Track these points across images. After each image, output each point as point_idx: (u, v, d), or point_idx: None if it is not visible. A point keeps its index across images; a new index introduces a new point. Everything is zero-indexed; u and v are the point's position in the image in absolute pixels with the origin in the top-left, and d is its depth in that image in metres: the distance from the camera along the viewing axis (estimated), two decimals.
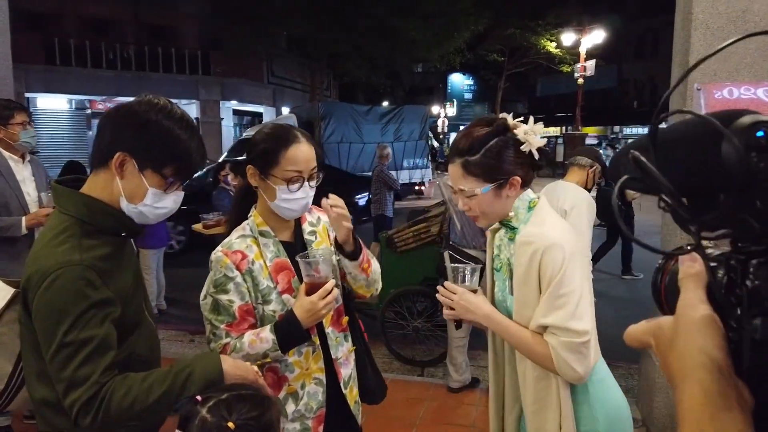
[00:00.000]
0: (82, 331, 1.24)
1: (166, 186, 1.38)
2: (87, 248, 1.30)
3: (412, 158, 15.12)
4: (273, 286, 1.63)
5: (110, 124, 1.36)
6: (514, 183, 1.50)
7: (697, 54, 2.95)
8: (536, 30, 22.40)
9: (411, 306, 4.75)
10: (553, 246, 1.42)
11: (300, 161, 1.60)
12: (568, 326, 1.38)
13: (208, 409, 1.17)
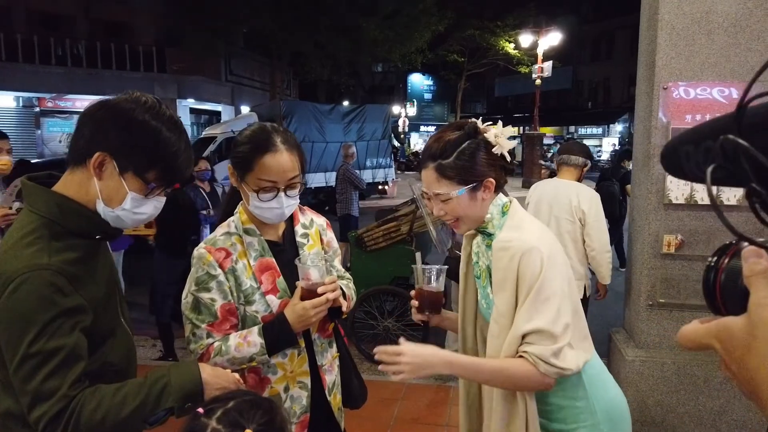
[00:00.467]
0: (49, 341, 1.14)
1: (147, 191, 1.28)
2: (57, 251, 1.20)
3: (375, 158, 15.11)
4: (257, 287, 1.57)
5: (91, 120, 1.25)
6: (488, 185, 1.50)
7: (664, 54, 3.02)
8: (495, 31, 22.79)
9: (381, 306, 4.72)
10: (530, 250, 1.40)
11: (274, 172, 1.52)
12: (550, 330, 1.35)
13: (218, 421, 1.08)
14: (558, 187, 3.69)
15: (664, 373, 3.15)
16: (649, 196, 3.12)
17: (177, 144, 1.28)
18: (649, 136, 3.11)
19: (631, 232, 3.45)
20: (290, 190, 1.57)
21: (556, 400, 1.49)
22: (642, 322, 3.21)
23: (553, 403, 1.50)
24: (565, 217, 3.56)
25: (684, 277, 3.11)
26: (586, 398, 1.48)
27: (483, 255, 1.60)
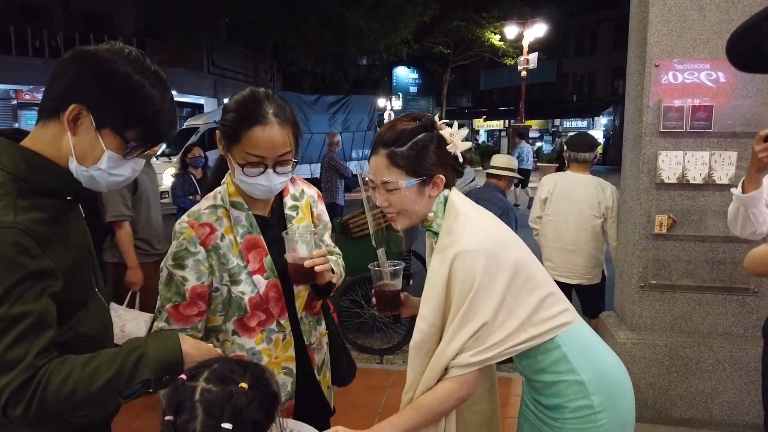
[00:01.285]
0: (13, 306, 1.03)
1: (126, 151, 1.17)
2: (24, 209, 1.09)
3: (360, 149, 15.01)
4: (243, 265, 1.47)
5: (68, 69, 1.13)
6: (438, 182, 1.45)
7: (655, 30, 2.96)
8: (481, 23, 22.77)
9: (367, 293, 4.64)
10: (467, 252, 1.33)
11: (261, 146, 1.38)
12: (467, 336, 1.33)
13: (206, 380, 0.99)
14: (578, 182, 3.78)
15: (656, 355, 3.11)
16: (640, 176, 3.07)
17: (161, 102, 1.17)
18: (641, 114, 3.06)
19: (622, 213, 3.40)
20: (280, 167, 1.44)
21: (543, 377, 1.45)
22: (633, 304, 3.16)
23: (540, 380, 1.46)
24: (591, 212, 3.70)
25: (676, 258, 3.06)
26: (572, 371, 1.41)
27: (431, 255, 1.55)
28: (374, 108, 16.26)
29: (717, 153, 2.96)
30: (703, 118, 2.96)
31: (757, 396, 3.05)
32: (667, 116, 2.98)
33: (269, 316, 1.50)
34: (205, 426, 0.95)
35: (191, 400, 0.97)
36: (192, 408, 0.96)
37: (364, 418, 3.30)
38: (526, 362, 1.47)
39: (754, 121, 2.91)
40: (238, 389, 0.98)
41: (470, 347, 1.34)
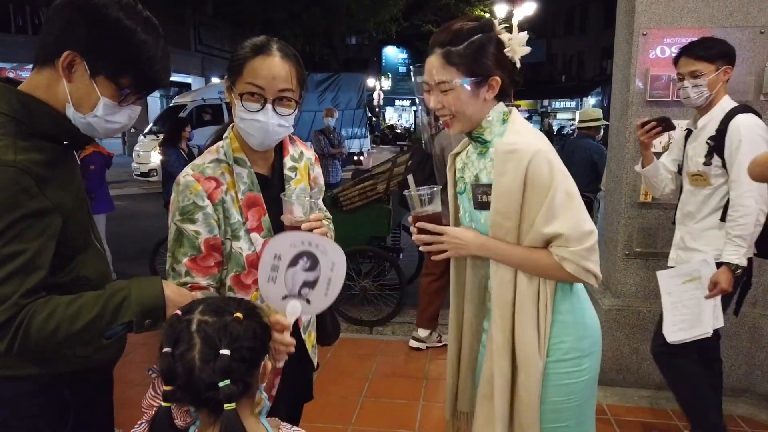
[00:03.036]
0: (8, 244, 1.05)
1: (120, 98, 1.18)
2: (23, 149, 1.09)
3: (350, 127, 14.94)
4: (242, 222, 1.47)
5: (60, 15, 1.13)
6: (494, 84, 1.44)
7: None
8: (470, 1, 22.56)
9: (357, 266, 4.67)
10: (539, 152, 1.37)
11: (262, 75, 1.38)
12: (575, 232, 1.36)
13: (202, 312, 1.02)
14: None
15: (640, 321, 3.18)
16: (627, 145, 3.10)
17: (154, 48, 1.17)
18: (628, 83, 3.08)
19: (608, 183, 3.44)
20: (281, 107, 1.42)
21: None
22: (618, 271, 3.22)
23: None
24: None
25: (660, 226, 3.11)
26: (572, 312, 1.46)
27: (472, 165, 1.54)
28: (363, 86, 16.17)
29: None
30: None
31: (736, 360, 3.14)
32: (654, 85, 3.01)
33: None
34: (203, 354, 0.97)
35: (188, 330, 1.00)
36: (189, 338, 0.99)
37: (354, 385, 3.35)
38: None
39: (740, 89, 2.94)
40: (233, 318, 1.01)
41: (582, 252, 1.37)
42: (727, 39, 2.89)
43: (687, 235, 2.51)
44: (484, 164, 1.50)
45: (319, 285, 1.30)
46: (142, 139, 12.52)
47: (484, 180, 1.49)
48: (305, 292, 1.30)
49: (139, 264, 5.54)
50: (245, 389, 1.01)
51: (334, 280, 1.31)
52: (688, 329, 2.38)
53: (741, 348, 3.12)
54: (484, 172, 1.49)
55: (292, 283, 1.28)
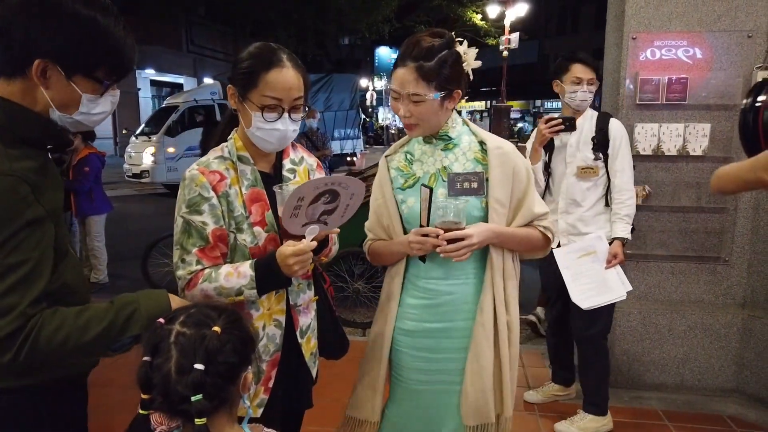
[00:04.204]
0: (12, 254, 1.05)
1: (102, 90, 1.18)
2: (16, 158, 1.08)
3: (342, 128, 14.93)
4: (246, 215, 1.51)
5: (19, 20, 1.08)
6: (455, 96, 1.64)
7: (633, 2, 3.00)
8: (462, 2, 22.60)
9: (351, 268, 4.68)
10: (515, 150, 1.69)
11: (280, 88, 1.45)
12: (547, 210, 1.76)
13: (182, 324, 1.04)
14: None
15: (630, 323, 3.21)
16: None
17: (116, 30, 1.15)
18: (618, 87, 3.11)
19: None
20: (294, 113, 1.51)
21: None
22: None
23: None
24: None
25: (650, 228, 3.14)
26: None
27: (438, 158, 1.72)
28: (356, 87, 16.18)
29: (691, 125, 3.03)
30: (678, 91, 3.02)
31: (726, 360, 3.18)
32: (644, 89, 3.04)
33: None
34: (179, 366, 0.99)
35: (167, 341, 1.01)
36: (167, 349, 1.00)
37: (346, 388, 3.35)
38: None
39: (727, 93, 2.98)
40: (211, 332, 1.02)
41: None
42: (716, 43, 2.94)
43: (579, 222, 2.80)
44: (455, 157, 1.70)
45: (337, 210, 1.44)
46: (134, 140, 12.43)
47: (458, 169, 1.68)
48: (323, 218, 1.43)
49: (131, 266, 5.52)
50: (221, 403, 1.02)
51: (352, 205, 1.45)
52: (597, 296, 2.69)
53: (730, 349, 3.16)
54: (456, 164, 1.69)
55: (312, 214, 1.39)
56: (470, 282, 1.72)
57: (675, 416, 3.01)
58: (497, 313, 1.70)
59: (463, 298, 1.72)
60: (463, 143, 1.71)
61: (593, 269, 2.70)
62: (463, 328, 1.71)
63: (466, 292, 1.72)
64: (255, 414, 1.54)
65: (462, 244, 1.57)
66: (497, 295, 1.69)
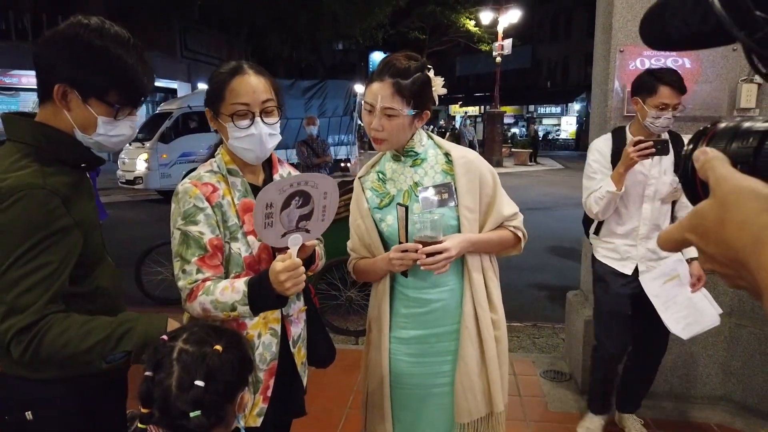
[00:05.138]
0: (37, 257, 1.19)
1: (114, 113, 1.31)
2: (50, 174, 1.24)
3: (337, 134, 14.96)
4: (239, 225, 1.54)
5: (44, 52, 1.27)
6: (424, 117, 1.73)
7: (620, 16, 3.04)
8: (456, 8, 22.75)
9: (343, 276, 4.69)
10: (479, 158, 1.79)
11: (244, 93, 1.51)
12: (517, 210, 1.84)
13: (185, 341, 1.07)
14: None
15: None
16: None
17: (128, 59, 1.28)
18: (606, 99, 3.15)
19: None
20: (267, 117, 1.55)
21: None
22: None
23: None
24: None
25: None
26: None
27: (404, 177, 1.78)
28: (350, 93, 16.19)
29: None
30: None
31: (713, 369, 3.21)
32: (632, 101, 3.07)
33: None
34: (180, 382, 1.02)
35: (169, 358, 1.04)
36: (170, 365, 1.04)
37: (339, 396, 3.38)
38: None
39: (713, 105, 3.02)
40: (212, 351, 1.05)
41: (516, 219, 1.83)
42: (701, 56, 2.98)
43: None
44: (424, 171, 1.77)
45: (315, 214, 1.43)
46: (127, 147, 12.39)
47: (428, 183, 1.75)
48: (303, 224, 1.42)
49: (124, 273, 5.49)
50: (218, 420, 1.05)
51: (329, 206, 1.45)
52: (694, 323, 2.56)
53: (717, 357, 3.20)
54: (426, 177, 1.76)
55: (288, 221, 1.39)
56: (457, 287, 1.79)
57: (663, 424, 3.05)
58: (478, 314, 1.76)
59: (451, 303, 1.78)
60: (430, 157, 1.79)
61: (681, 294, 2.58)
62: (452, 332, 1.79)
63: (453, 297, 1.79)
64: (255, 423, 1.58)
65: (440, 257, 1.62)
66: (477, 296, 1.76)
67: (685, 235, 0.53)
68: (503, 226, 1.81)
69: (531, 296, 5.67)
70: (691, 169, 0.55)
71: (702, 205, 0.51)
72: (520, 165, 21.70)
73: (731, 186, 0.48)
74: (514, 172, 19.00)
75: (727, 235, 0.48)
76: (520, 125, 36.50)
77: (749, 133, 0.51)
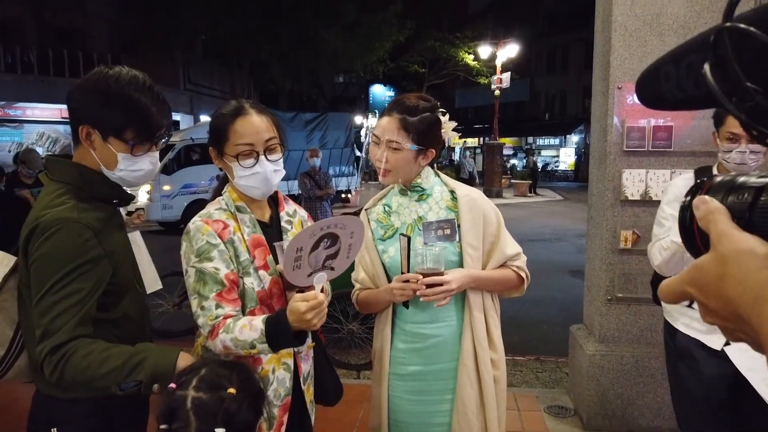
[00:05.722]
0: (71, 284, 1.29)
1: (130, 149, 1.41)
2: (84, 210, 1.37)
3: (338, 166, 15.07)
4: (251, 260, 1.56)
5: (71, 98, 1.41)
6: (429, 155, 1.78)
7: (618, 54, 3.11)
8: (455, 43, 23.17)
9: (345, 309, 4.68)
10: (483, 197, 1.84)
11: (248, 133, 1.54)
12: (520, 252, 1.86)
13: (196, 389, 1.06)
14: None
15: (624, 367, 3.22)
16: (605, 192, 3.20)
17: (141, 99, 1.39)
18: (605, 134, 3.20)
19: (589, 229, 3.52)
20: (271, 154, 1.58)
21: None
22: (601, 316, 3.27)
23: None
24: None
25: (641, 272, 3.19)
26: None
27: (413, 208, 1.83)
28: (351, 125, 16.39)
29: (677, 171, 3.11)
30: (664, 138, 3.11)
31: None
32: (630, 136, 3.13)
33: (272, 311, 1.57)
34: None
35: (184, 408, 1.03)
36: (185, 416, 1.03)
37: (340, 430, 3.33)
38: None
39: (709, 141, 3.06)
40: (227, 395, 1.05)
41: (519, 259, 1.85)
42: None
43: None
44: (428, 207, 1.82)
45: (341, 253, 1.45)
46: None
47: (433, 218, 1.79)
48: (329, 263, 1.44)
49: None
50: None
51: (355, 244, 1.48)
52: None
53: None
54: (431, 213, 1.80)
55: (315, 261, 1.40)
56: (454, 324, 1.79)
57: None
58: (477, 352, 1.76)
59: (449, 340, 1.78)
60: (436, 193, 1.83)
61: None
62: (450, 369, 1.79)
63: (452, 333, 1.79)
64: None
65: (440, 289, 1.65)
66: (478, 334, 1.76)
67: (685, 287, 0.54)
68: (506, 265, 1.82)
69: (533, 329, 5.63)
70: (690, 220, 0.56)
71: (702, 259, 0.52)
72: (519, 196, 21.80)
73: (731, 244, 0.49)
74: (514, 203, 19.06)
75: (727, 290, 0.48)
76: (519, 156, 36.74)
77: (744, 187, 0.51)
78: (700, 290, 0.52)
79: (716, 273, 0.49)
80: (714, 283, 0.50)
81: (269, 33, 16.09)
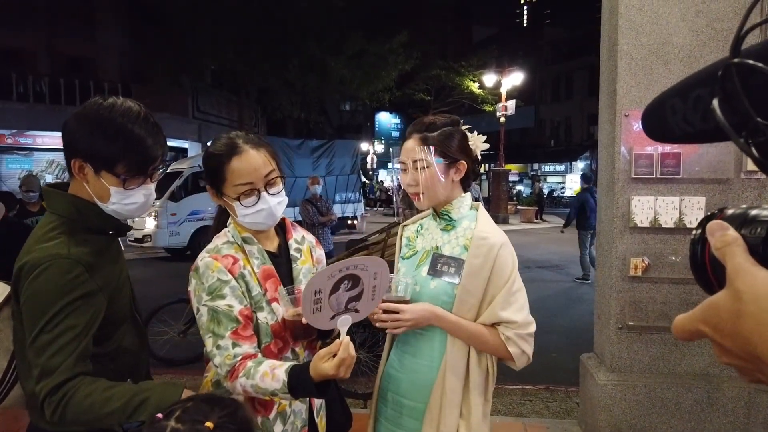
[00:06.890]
0: (63, 321, 1.26)
1: (122, 183, 1.38)
2: (75, 244, 1.34)
3: (344, 192, 15.14)
4: (263, 293, 1.52)
5: (64, 132, 1.38)
6: (461, 168, 1.69)
7: (624, 82, 3.13)
8: (460, 71, 23.44)
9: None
10: (506, 244, 1.64)
11: (246, 172, 1.49)
12: (524, 319, 1.62)
13: (177, 419, 1.06)
14: None
15: (636, 396, 3.16)
16: (614, 220, 3.18)
17: (134, 131, 1.36)
18: (613, 162, 3.20)
19: (599, 256, 3.50)
20: (271, 188, 1.53)
21: None
22: (612, 345, 3.22)
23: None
24: None
25: (651, 300, 3.15)
26: None
27: (431, 236, 1.75)
28: (357, 152, 16.52)
29: (686, 198, 3.10)
30: (672, 165, 3.11)
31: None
32: (638, 163, 3.12)
33: (285, 343, 1.54)
34: None
35: None
36: None
37: None
38: None
39: (720, 168, 3.06)
40: (204, 428, 1.04)
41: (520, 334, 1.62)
42: None
43: None
44: (448, 239, 1.71)
45: (364, 295, 1.39)
46: None
47: (447, 253, 1.68)
48: (352, 306, 1.39)
49: None
50: None
51: (380, 285, 1.42)
52: None
53: (738, 423, 3.10)
54: (447, 246, 1.69)
55: (337, 304, 1.36)
56: (434, 367, 1.67)
57: None
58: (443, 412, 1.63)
59: (423, 380, 1.68)
60: (460, 227, 1.71)
61: None
62: (420, 411, 1.69)
63: (427, 376, 1.68)
64: None
65: (392, 317, 1.58)
66: (447, 394, 1.61)
67: (698, 326, 0.51)
68: (495, 327, 1.63)
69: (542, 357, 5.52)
70: (701, 254, 0.54)
71: (717, 297, 0.49)
72: (526, 222, 21.74)
73: (749, 280, 0.47)
74: (520, 230, 19.00)
75: (744, 329, 0.46)
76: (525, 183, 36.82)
77: (756, 221, 0.50)
78: (714, 329, 0.49)
79: (732, 310, 0.47)
80: (730, 321, 0.47)
81: (277, 62, 16.35)
